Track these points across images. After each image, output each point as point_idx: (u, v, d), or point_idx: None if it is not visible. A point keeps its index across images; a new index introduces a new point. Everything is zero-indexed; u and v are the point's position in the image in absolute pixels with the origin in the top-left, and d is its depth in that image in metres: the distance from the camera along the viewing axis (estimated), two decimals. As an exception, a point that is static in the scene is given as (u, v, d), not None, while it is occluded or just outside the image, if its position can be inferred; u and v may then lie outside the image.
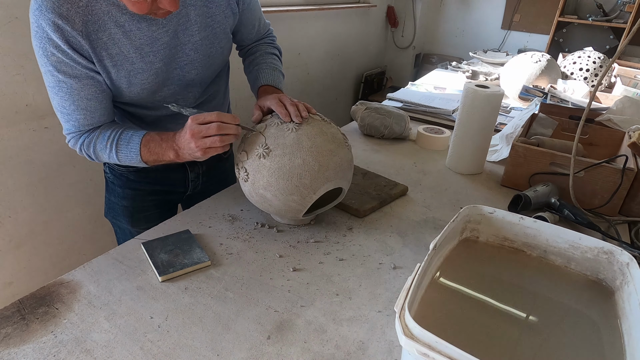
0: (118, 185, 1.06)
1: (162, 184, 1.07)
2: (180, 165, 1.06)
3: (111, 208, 1.10)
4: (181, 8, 0.82)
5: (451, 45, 4.06)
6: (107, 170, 1.07)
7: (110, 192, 1.09)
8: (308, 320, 0.66)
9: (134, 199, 1.06)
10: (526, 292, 0.62)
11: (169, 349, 0.60)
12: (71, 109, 0.80)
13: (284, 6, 2.62)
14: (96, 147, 0.84)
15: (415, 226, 0.93)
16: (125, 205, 1.07)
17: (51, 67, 0.75)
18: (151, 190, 1.07)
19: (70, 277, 0.72)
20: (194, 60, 0.88)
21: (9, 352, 0.57)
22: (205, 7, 0.86)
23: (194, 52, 0.87)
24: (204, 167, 1.11)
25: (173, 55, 0.85)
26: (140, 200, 1.07)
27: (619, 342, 0.52)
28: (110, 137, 0.84)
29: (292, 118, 0.81)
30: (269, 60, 1.06)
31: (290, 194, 0.79)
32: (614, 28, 3.24)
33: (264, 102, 0.88)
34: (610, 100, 1.67)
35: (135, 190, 1.06)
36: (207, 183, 1.14)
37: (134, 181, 1.05)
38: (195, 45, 0.87)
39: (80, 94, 0.79)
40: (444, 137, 1.34)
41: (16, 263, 1.52)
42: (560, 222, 0.95)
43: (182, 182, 1.09)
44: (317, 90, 3.19)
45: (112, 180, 1.07)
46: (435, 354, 0.42)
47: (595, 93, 0.89)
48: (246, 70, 1.09)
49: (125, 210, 1.07)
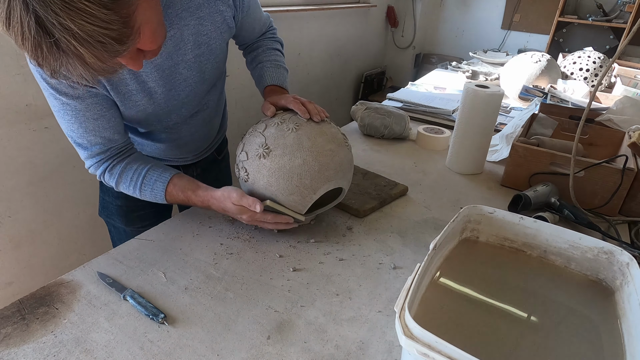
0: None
1: None
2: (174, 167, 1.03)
3: (105, 207, 1.09)
4: (175, 30, 0.79)
5: (451, 45, 4.06)
6: None
7: (104, 191, 1.08)
8: (308, 320, 0.66)
9: (128, 198, 1.02)
10: (526, 292, 0.62)
11: (169, 349, 0.60)
12: (79, 132, 0.78)
13: (284, 6, 2.62)
14: (119, 186, 0.85)
15: (415, 226, 0.93)
16: (120, 204, 1.05)
17: (52, 90, 0.73)
18: None
19: (70, 277, 0.72)
20: (187, 78, 0.86)
21: (9, 352, 0.57)
22: (200, 26, 0.83)
23: (187, 70, 0.85)
24: (199, 169, 1.11)
25: (167, 76, 0.83)
26: (134, 199, 1.01)
27: (619, 342, 0.52)
28: (133, 180, 0.84)
29: (311, 117, 0.82)
30: (272, 56, 1.05)
31: (291, 194, 0.79)
32: (614, 28, 3.24)
33: (278, 101, 0.87)
34: (610, 100, 1.67)
35: None
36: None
37: None
38: (188, 63, 0.84)
39: (86, 114, 0.77)
40: (444, 137, 1.34)
41: (16, 263, 1.52)
42: (560, 222, 0.95)
43: None
44: (317, 91, 3.19)
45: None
46: (435, 354, 0.42)
47: (595, 93, 0.89)
48: (249, 66, 1.09)
49: (120, 209, 1.06)
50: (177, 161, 1.06)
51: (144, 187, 0.84)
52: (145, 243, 0.82)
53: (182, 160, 1.07)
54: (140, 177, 0.83)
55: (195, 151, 1.08)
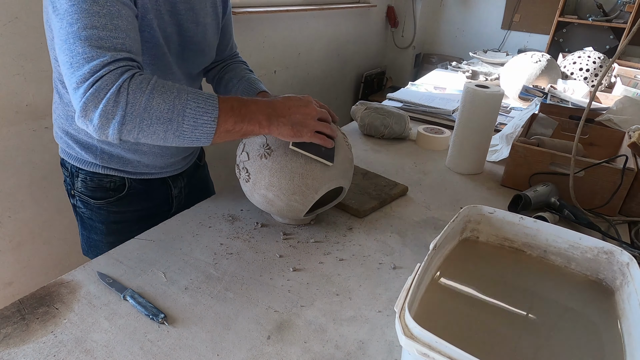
0: (98, 221, 0.95)
1: (148, 208, 0.99)
2: (162, 183, 1.00)
3: (93, 246, 0.98)
4: None
5: (451, 45, 4.06)
6: (81, 205, 0.94)
7: (88, 229, 0.97)
8: (308, 320, 0.66)
9: (120, 233, 0.92)
10: (526, 292, 0.62)
11: (169, 349, 0.60)
12: (108, 28, 0.59)
13: (284, 6, 2.62)
14: (156, 87, 0.61)
15: (415, 226, 0.93)
16: (111, 241, 0.92)
17: None
18: (137, 218, 0.97)
19: (70, 277, 0.72)
20: (195, 34, 0.87)
21: (9, 352, 0.57)
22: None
23: (195, 25, 0.86)
24: (185, 179, 1.06)
25: (181, 21, 0.83)
26: (127, 232, 0.87)
27: (619, 342, 0.52)
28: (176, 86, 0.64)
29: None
30: (255, 77, 1.05)
31: (293, 194, 0.79)
32: (614, 28, 3.24)
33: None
34: (610, 100, 1.67)
35: (119, 223, 0.96)
36: (189, 195, 1.09)
37: (117, 213, 0.95)
38: (205, 27, 0.88)
39: (121, 11, 0.62)
40: (444, 137, 1.34)
41: (16, 263, 1.52)
42: (560, 222, 0.95)
43: (166, 199, 1.03)
44: (317, 90, 3.19)
45: (88, 216, 0.95)
46: (435, 354, 0.42)
47: (595, 93, 0.89)
48: (228, 85, 1.04)
49: (112, 246, 0.82)
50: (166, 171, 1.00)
51: (190, 91, 0.64)
52: (145, 243, 0.82)
53: (171, 168, 1.01)
54: (181, 89, 0.64)
55: (185, 153, 1.02)
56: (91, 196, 0.92)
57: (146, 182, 0.97)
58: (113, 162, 0.90)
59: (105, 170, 0.91)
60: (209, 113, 0.64)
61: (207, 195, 1.01)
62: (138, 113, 0.60)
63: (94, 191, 0.92)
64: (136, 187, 0.95)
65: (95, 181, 0.91)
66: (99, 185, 0.92)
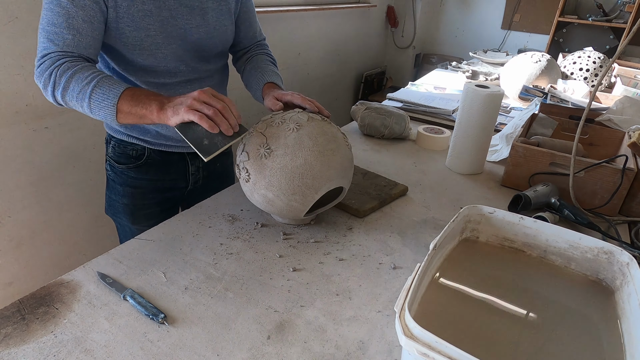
0: (119, 183, 1.06)
1: (163, 180, 1.08)
2: (180, 158, 1.07)
3: (111, 205, 1.10)
4: None
5: (451, 45, 4.06)
6: (108, 168, 1.07)
7: (110, 189, 1.09)
8: (308, 320, 0.66)
9: (134, 197, 1.07)
10: (526, 292, 0.62)
11: (169, 349, 0.60)
12: (62, 26, 0.77)
13: (284, 6, 2.62)
14: (74, 76, 0.77)
15: (415, 226, 0.93)
16: (126, 203, 1.07)
17: None
18: (152, 188, 1.07)
19: (70, 277, 0.72)
20: (199, 24, 0.91)
21: (9, 352, 0.57)
22: None
23: (201, 17, 0.91)
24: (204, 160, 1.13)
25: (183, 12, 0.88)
26: (140, 198, 1.07)
27: (619, 342, 0.52)
28: (95, 73, 0.78)
29: (320, 112, 0.86)
30: (272, 68, 1.08)
31: (293, 194, 0.79)
32: (614, 28, 3.24)
33: (283, 96, 0.89)
34: (610, 100, 1.67)
35: (135, 188, 1.06)
36: (207, 179, 1.14)
37: (134, 178, 1.05)
38: (203, 11, 0.91)
39: (78, 13, 0.77)
40: (444, 137, 1.34)
41: (16, 263, 1.52)
42: (560, 222, 0.95)
43: (183, 175, 1.10)
44: (317, 90, 3.19)
45: (112, 177, 1.07)
46: (435, 354, 0.42)
47: (595, 93, 0.89)
48: (247, 74, 1.09)
49: (126, 208, 1.07)
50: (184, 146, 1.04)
51: (104, 80, 0.77)
52: (145, 243, 0.82)
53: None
54: (103, 74, 0.78)
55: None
56: (117, 161, 1.04)
57: (165, 154, 1.05)
58: (135, 130, 1.01)
59: (130, 139, 1.02)
60: (110, 99, 0.77)
61: (226, 184, 1.06)
62: (62, 88, 0.78)
63: (119, 157, 1.04)
64: (155, 157, 1.04)
65: (121, 148, 1.03)
66: (123, 152, 1.03)
